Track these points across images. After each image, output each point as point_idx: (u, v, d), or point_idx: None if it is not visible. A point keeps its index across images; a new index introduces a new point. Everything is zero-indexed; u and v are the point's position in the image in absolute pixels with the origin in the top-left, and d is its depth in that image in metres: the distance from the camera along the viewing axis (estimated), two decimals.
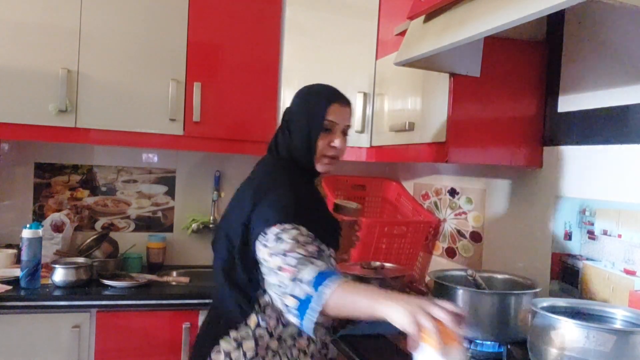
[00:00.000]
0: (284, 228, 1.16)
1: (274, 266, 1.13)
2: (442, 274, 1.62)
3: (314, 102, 1.36)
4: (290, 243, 1.13)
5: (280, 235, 1.15)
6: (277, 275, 1.12)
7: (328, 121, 1.34)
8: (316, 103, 1.35)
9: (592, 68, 1.50)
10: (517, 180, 1.79)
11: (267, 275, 1.17)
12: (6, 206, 2.40)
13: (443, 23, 1.37)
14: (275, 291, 1.14)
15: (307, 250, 1.13)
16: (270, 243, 1.16)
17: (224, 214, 1.39)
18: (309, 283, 1.05)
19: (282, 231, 1.16)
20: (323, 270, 1.08)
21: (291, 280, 1.08)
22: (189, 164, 2.61)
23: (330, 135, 1.35)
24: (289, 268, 1.10)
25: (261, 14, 2.29)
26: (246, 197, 1.27)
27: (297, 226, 1.18)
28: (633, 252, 1.35)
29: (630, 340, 1.06)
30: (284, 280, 1.10)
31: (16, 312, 1.87)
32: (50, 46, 2.06)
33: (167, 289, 2.12)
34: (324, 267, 1.09)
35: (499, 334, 1.40)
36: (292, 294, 1.07)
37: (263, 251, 1.17)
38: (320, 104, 1.34)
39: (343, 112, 1.37)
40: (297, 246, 1.13)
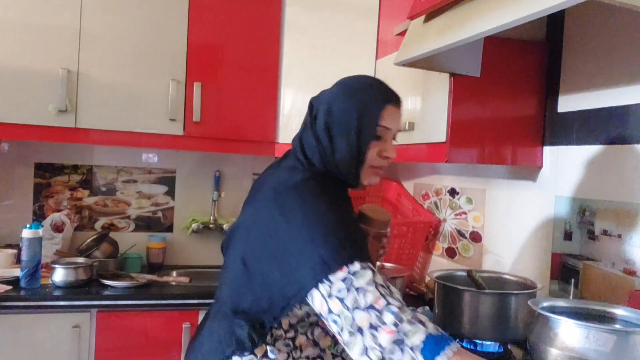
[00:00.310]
0: (353, 271, 0.94)
1: (363, 324, 0.89)
2: (442, 274, 1.62)
3: (365, 103, 1.11)
4: (372, 291, 0.91)
5: (353, 282, 0.92)
6: (370, 336, 0.88)
7: (382, 127, 1.11)
8: (368, 104, 1.10)
9: (592, 68, 1.50)
10: (517, 180, 1.79)
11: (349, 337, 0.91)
12: (6, 206, 2.40)
13: (443, 23, 1.37)
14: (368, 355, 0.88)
15: (393, 298, 0.93)
16: (343, 294, 0.92)
17: (240, 223, 1.15)
18: (417, 349, 0.86)
19: (353, 275, 0.93)
20: (432, 333, 0.88)
21: (393, 343, 0.87)
22: (189, 164, 2.61)
23: (381, 143, 1.13)
24: (389, 328, 0.88)
25: (261, 14, 2.30)
26: (275, 219, 1.03)
27: (366, 263, 0.96)
28: (633, 252, 1.35)
29: (630, 340, 1.06)
30: (382, 343, 0.87)
31: (16, 312, 1.87)
32: (50, 46, 2.06)
33: (167, 289, 2.11)
34: (431, 327, 0.89)
35: (499, 334, 1.40)
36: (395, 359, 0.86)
37: (331, 305, 0.93)
38: (374, 106, 1.10)
39: (397, 116, 1.15)
40: (383, 294, 0.92)
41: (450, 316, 1.46)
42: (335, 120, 1.11)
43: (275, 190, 1.07)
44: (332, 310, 0.93)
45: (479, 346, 1.46)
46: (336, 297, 0.93)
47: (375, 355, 0.87)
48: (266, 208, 1.06)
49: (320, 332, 1.18)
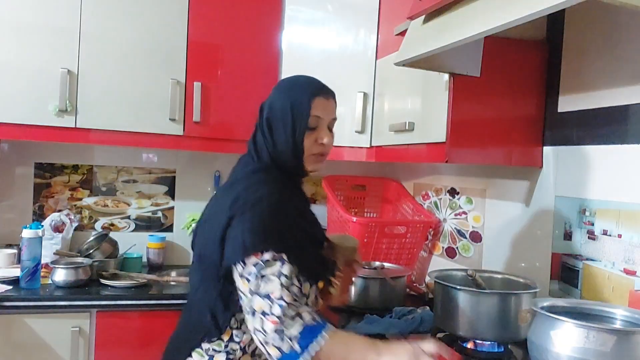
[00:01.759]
0: (264, 259, 1.07)
1: (257, 308, 1.05)
2: (442, 274, 1.62)
3: (296, 97, 1.23)
4: (274, 283, 1.05)
5: (261, 270, 1.06)
6: (259, 320, 1.04)
7: (313, 117, 1.22)
8: (299, 98, 1.23)
9: (592, 68, 1.50)
10: (517, 180, 1.79)
11: (246, 313, 1.08)
12: (6, 206, 2.40)
13: (443, 23, 1.37)
14: (255, 334, 1.06)
15: (290, 293, 1.05)
16: (251, 278, 1.07)
17: (200, 220, 1.28)
18: (294, 339, 1.01)
19: (264, 264, 1.07)
20: (309, 323, 1.03)
21: (275, 332, 1.02)
22: (189, 164, 2.61)
23: (316, 132, 1.24)
24: (274, 319, 1.02)
25: (261, 15, 2.30)
26: (223, 209, 1.15)
27: (279, 255, 1.09)
28: (633, 252, 1.35)
29: (630, 340, 1.06)
30: (266, 329, 1.03)
31: (16, 312, 1.87)
32: (50, 46, 2.06)
33: (167, 289, 2.12)
34: (308, 319, 1.03)
35: (499, 334, 1.40)
36: (275, 345, 1.02)
37: (242, 283, 1.09)
38: (304, 99, 1.22)
39: (328, 105, 1.26)
40: (281, 289, 1.05)
41: (450, 316, 1.46)
42: (274, 115, 1.24)
43: (229, 183, 1.25)
44: (241, 288, 1.09)
45: (479, 346, 1.46)
46: (246, 279, 1.08)
47: (260, 337, 1.04)
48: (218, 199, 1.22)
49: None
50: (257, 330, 1.05)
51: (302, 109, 1.22)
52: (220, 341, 1.18)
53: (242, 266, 1.09)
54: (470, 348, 1.47)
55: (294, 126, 1.22)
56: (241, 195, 1.15)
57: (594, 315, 1.26)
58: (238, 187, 1.19)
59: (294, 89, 1.26)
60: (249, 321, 1.07)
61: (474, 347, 1.46)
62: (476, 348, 1.46)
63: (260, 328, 1.04)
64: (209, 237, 1.17)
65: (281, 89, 1.29)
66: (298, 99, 1.23)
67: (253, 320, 1.06)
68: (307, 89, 1.26)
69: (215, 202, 1.24)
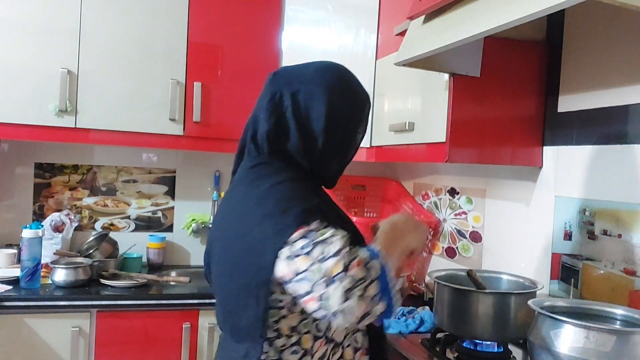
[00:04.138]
0: (311, 229, 0.93)
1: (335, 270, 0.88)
2: (442, 274, 1.62)
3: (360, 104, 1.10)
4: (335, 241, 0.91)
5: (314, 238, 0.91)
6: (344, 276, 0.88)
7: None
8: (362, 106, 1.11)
9: (592, 68, 1.50)
10: (517, 180, 1.79)
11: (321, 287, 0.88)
12: (6, 206, 2.40)
13: (443, 23, 1.37)
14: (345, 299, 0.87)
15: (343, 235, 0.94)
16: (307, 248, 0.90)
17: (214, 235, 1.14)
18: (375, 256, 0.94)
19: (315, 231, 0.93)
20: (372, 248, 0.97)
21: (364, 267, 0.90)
22: (189, 164, 2.61)
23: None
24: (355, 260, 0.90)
25: (261, 14, 2.30)
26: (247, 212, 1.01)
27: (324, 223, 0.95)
28: (633, 252, 1.35)
29: (630, 340, 1.06)
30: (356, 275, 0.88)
31: (16, 312, 1.87)
32: (50, 46, 2.06)
33: (167, 289, 2.12)
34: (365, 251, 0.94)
35: (499, 334, 1.40)
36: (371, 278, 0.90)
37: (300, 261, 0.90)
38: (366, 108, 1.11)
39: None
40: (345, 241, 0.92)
41: (450, 316, 1.46)
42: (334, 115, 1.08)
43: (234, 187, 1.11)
44: (299, 269, 0.90)
45: (479, 346, 1.46)
46: (302, 255, 0.90)
47: (359, 289, 0.88)
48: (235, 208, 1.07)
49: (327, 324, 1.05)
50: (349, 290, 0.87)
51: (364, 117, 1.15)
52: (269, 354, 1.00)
53: (289, 247, 0.92)
54: (470, 348, 1.47)
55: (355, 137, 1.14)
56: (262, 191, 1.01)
57: (594, 315, 1.26)
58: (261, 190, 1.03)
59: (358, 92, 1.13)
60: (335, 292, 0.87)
61: (474, 347, 1.47)
62: (476, 348, 1.46)
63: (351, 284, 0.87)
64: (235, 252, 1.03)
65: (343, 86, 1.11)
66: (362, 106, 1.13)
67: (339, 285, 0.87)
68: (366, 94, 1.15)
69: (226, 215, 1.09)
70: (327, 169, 1.13)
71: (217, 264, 1.12)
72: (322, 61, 1.14)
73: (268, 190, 1.00)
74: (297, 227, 0.92)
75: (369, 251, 0.95)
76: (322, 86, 1.07)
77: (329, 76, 1.09)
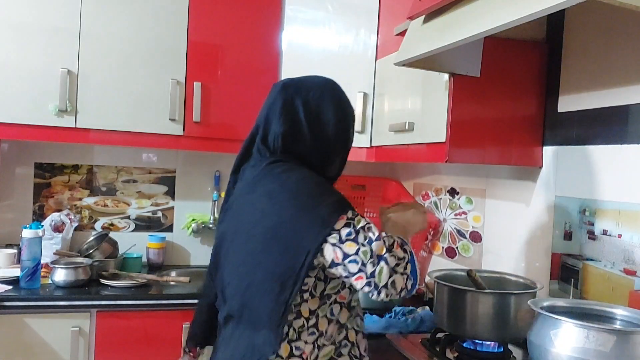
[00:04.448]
0: (349, 217, 1.07)
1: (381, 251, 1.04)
2: (442, 274, 1.62)
3: (352, 112, 1.28)
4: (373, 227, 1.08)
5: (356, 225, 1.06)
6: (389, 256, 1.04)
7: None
8: (353, 114, 1.29)
9: (592, 68, 1.50)
10: (517, 180, 1.79)
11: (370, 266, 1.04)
12: (6, 206, 2.40)
13: (443, 23, 1.37)
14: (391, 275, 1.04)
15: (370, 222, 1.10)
16: (353, 234, 1.04)
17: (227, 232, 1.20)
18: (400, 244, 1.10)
19: (353, 220, 1.06)
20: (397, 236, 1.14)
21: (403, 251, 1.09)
22: (189, 164, 2.61)
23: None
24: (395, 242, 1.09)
25: (261, 15, 2.30)
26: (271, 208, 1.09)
27: (355, 211, 1.10)
28: (633, 252, 1.35)
29: (630, 340, 1.06)
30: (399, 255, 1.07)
31: (16, 312, 1.87)
32: (50, 46, 2.07)
33: (167, 289, 2.12)
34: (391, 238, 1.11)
35: (499, 334, 1.40)
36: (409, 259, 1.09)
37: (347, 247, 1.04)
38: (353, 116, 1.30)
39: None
40: (373, 225, 1.08)
41: (450, 316, 1.46)
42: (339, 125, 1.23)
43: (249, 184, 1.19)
44: (348, 253, 1.04)
45: (479, 346, 1.46)
46: (348, 240, 1.04)
47: (401, 267, 1.06)
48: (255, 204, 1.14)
49: (339, 308, 1.16)
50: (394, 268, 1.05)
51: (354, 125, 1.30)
52: (280, 358, 1.07)
53: (335, 234, 1.04)
54: (470, 348, 1.47)
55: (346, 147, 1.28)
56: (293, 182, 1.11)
57: (594, 315, 1.26)
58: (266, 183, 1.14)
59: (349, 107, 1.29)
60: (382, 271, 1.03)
61: (474, 347, 1.47)
62: (476, 348, 1.46)
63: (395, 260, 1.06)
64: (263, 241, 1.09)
65: (344, 101, 1.27)
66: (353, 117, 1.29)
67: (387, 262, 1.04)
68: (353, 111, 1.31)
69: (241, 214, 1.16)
70: (332, 167, 1.26)
71: (235, 254, 1.16)
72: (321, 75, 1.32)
73: (298, 182, 1.11)
74: (339, 217, 1.05)
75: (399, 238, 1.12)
76: (329, 95, 1.24)
77: (332, 87, 1.27)
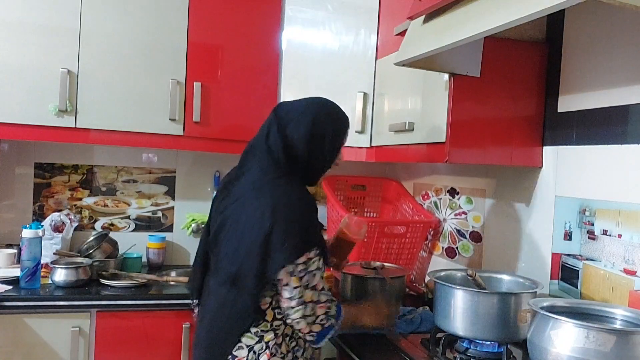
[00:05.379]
0: (310, 257, 1.30)
1: (307, 300, 1.30)
2: (442, 274, 1.62)
3: (340, 127, 1.44)
4: (318, 276, 1.32)
5: (309, 266, 1.30)
6: (311, 307, 1.31)
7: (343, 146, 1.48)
8: (342, 129, 1.45)
9: (592, 68, 1.50)
10: (517, 180, 1.79)
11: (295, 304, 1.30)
12: (6, 206, 2.40)
13: (443, 23, 1.37)
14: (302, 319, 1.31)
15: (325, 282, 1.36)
16: (302, 274, 1.29)
17: (223, 226, 1.40)
18: (335, 317, 1.37)
19: (310, 261, 1.30)
20: (337, 303, 1.39)
21: (324, 314, 1.34)
22: (189, 164, 2.61)
23: (339, 154, 1.47)
24: (322, 305, 1.33)
25: (261, 15, 2.29)
26: (264, 215, 1.28)
27: (319, 250, 1.32)
28: (633, 252, 1.35)
29: (630, 340, 1.06)
30: (317, 314, 1.32)
31: (16, 312, 1.87)
32: (50, 46, 2.06)
33: (167, 289, 2.12)
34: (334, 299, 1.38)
35: (499, 334, 1.40)
36: (322, 323, 1.34)
37: (293, 280, 1.29)
38: (344, 131, 1.45)
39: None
40: (321, 280, 1.33)
41: (450, 316, 1.46)
42: (317, 134, 1.38)
43: (253, 189, 1.36)
44: (289, 283, 1.29)
45: (479, 346, 1.46)
46: (297, 276, 1.29)
47: (310, 320, 1.32)
48: (246, 207, 1.34)
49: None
50: (307, 316, 1.31)
51: (341, 139, 1.45)
52: (266, 322, 1.35)
53: (293, 266, 1.28)
54: (470, 348, 1.47)
55: (333, 150, 1.43)
56: (278, 203, 1.30)
57: (594, 315, 1.26)
58: (269, 195, 1.32)
59: (339, 120, 1.45)
60: (298, 310, 1.30)
61: (474, 347, 1.47)
62: (476, 348, 1.46)
63: (311, 313, 1.31)
64: (247, 242, 1.31)
65: (328, 114, 1.43)
66: (342, 130, 1.45)
67: (304, 309, 1.30)
68: (347, 123, 1.47)
69: (244, 210, 1.35)
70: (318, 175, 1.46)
71: (231, 241, 1.37)
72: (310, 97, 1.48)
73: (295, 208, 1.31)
74: (303, 253, 1.28)
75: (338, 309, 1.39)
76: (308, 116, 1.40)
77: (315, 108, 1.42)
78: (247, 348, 1.33)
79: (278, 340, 1.35)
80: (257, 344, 1.33)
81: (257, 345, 1.33)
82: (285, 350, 1.36)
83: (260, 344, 1.33)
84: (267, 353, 1.33)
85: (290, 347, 1.38)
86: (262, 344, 1.34)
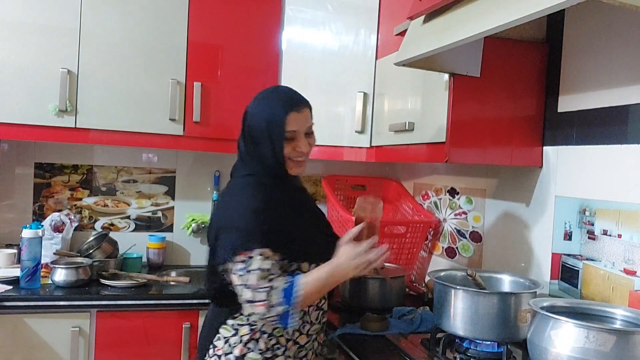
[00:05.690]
0: (249, 257, 1.27)
1: (247, 298, 1.26)
2: (442, 274, 1.62)
3: (271, 112, 1.35)
4: (256, 275, 1.25)
5: (247, 265, 1.26)
6: (252, 306, 1.26)
7: (289, 132, 1.35)
8: (274, 114, 1.34)
9: (592, 68, 1.50)
10: (517, 180, 1.79)
11: (241, 300, 1.29)
12: (6, 206, 2.40)
13: (443, 23, 1.37)
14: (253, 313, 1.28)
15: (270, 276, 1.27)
16: (241, 273, 1.27)
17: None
18: (279, 304, 1.25)
19: (248, 260, 1.27)
20: (283, 287, 1.26)
21: (267, 309, 1.25)
22: (189, 164, 2.61)
23: (294, 142, 1.37)
24: (261, 303, 1.25)
25: (261, 15, 2.30)
26: (217, 215, 1.39)
27: (261, 250, 1.27)
28: (633, 252, 1.35)
29: (630, 340, 1.06)
30: (259, 311, 1.26)
31: (16, 312, 1.87)
32: (50, 46, 2.06)
33: (167, 289, 2.12)
34: (282, 284, 1.26)
35: (499, 334, 1.40)
36: (271, 315, 1.26)
37: (234, 278, 1.29)
38: (279, 116, 1.34)
39: (302, 118, 1.37)
40: (259, 280, 1.25)
41: (450, 316, 1.46)
42: (254, 127, 1.37)
43: (225, 189, 1.44)
44: (234, 282, 1.30)
45: (479, 346, 1.46)
46: (236, 274, 1.28)
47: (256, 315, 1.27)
48: (218, 205, 1.45)
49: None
50: (253, 313, 1.27)
51: (277, 125, 1.34)
52: (242, 316, 1.36)
53: (232, 264, 1.29)
54: (470, 348, 1.47)
55: (272, 140, 1.34)
56: (228, 200, 1.37)
57: (594, 315, 1.26)
58: (225, 196, 1.42)
59: (270, 105, 1.37)
60: (246, 308, 1.28)
61: (474, 347, 1.47)
62: (476, 348, 1.46)
63: (254, 311, 1.27)
64: (211, 239, 1.37)
65: (259, 102, 1.40)
66: (273, 116, 1.34)
67: (249, 307, 1.27)
68: (282, 105, 1.35)
69: (215, 208, 1.46)
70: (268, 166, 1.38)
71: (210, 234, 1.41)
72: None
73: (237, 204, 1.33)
74: (242, 252, 1.26)
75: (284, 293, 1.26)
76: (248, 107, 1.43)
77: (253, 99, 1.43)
78: (224, 340, 1.38)
79: (254, 336, 1.37)
80: (232, 337, 1.37)
81: (233, 339, 1.37)
82: (265, 347, 1.37)
83: (235, 337, 1.37)
84: (239, 347, 1.36)
85: (269, 345, 1.37)
86: (237, 337, 1.37)
